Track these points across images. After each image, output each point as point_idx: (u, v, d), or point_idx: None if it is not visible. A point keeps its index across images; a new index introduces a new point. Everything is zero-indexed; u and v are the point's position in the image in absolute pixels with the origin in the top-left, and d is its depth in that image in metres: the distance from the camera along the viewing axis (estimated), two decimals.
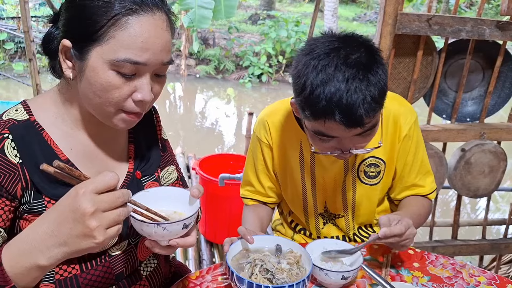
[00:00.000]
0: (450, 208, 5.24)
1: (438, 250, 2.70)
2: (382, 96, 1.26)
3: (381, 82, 1.24)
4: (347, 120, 1.21)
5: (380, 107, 1.27)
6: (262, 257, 1.27)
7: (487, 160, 2.52)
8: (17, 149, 1.05)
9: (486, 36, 2.25)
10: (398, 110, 1.55)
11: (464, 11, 15.25)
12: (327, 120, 1.24)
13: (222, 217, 3.31)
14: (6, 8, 10.85)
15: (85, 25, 1.00)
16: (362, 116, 1.21)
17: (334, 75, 1.21)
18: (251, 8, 16.74)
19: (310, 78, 1.24)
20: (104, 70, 1.01)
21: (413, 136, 1.58)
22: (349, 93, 1.19)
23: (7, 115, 1.10)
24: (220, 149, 7.38)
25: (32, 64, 3.55)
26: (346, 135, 1.29)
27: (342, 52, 1.24)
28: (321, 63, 1.23)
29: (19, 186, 1.05)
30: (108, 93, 1.03)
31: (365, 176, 1.60)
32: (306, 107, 1.27)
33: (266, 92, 10.93)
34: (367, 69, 1.22)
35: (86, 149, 1.17)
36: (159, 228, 1.01)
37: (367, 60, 1.24)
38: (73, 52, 1.03)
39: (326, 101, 1.21)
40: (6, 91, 9.28)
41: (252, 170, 1.72)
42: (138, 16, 1.00)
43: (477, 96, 2.57)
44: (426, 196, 1.67)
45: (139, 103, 1.07)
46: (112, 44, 0.99)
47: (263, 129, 1.64)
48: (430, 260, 1.48)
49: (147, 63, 1.03)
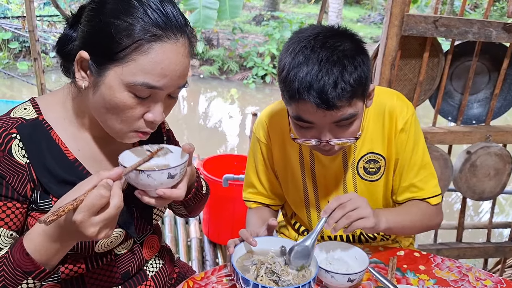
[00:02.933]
0: (454, 210, 5.23)
1: (442, 253, 2.69)
2: (359, 84, 1.26)
3: (358, 70, 1.25)
4: (318, 100, 1.22)
5: (355, 94, 1.27)
6: (269, 259, 1.26)
7: (493, 162, 2.50)
8: (25, 149, 1.06)
9: (492, 38, 2.24)
10: (394, 104, 1.52)
11: (469, 13, 15.23)
12: (301, 101, 1.26)
13: (225, 218, 3.31)
14: (11, 7, 10.88)
15: (107, 44, 1.00)
16: (334, 98, 1.22)
17: (309, 57, 1.25)
18: (255, 8, 16.75)
19: (287, 60, 1.29)
20: (120, 90, 1.02)
21: (409, 131, 1.53)
22: (321, 73, 1.22)
23: (15, 113, 1.10)
24: (223, 149, 7.38)
25: (37, 64, 3.55)
26: (322, 121, 1.30)
27: (322, 38, 1.27)
28: (300, 46, 1.27)
29: (28, 186, 1.06)
30: (121, 112, 1.05)
31: (365, 172, 1.58)
32: (283, 89, 1.31)
33: (269, 92, 10.92)
34: (344, 54, 1.24)
35: (92, 151, 1.18)
36: (143, 175, 1.03)
37: (348, 48, 1.26)
38: (90, 65, 1.03)
39: (299, 81, 1.24)
40: (10, 90, 9.31)
41: (253, 171, 1.72)
42: (161, 43, 1.00)
43: (483, 99, 2.56)
44: (427, 199, 1.59)
45: (150, 123, 1.09)
46: (132, 67, 1.00)
47: (261, 129, 1.64)
48: (436, 263, 1.47)
49: (164, 88, 1.04)
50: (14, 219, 1.05)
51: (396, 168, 1.58)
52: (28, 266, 0.96)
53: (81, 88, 1.07)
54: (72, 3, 11.87)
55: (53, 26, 10.08)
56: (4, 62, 10.08)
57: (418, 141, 1.56)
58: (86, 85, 1.06)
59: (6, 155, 1.03)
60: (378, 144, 1.54)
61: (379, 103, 1.51)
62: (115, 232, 1.17)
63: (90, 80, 1.05)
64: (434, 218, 1.63)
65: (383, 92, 1.55)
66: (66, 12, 4.16)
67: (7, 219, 1.04)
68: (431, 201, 1.59)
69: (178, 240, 3.48)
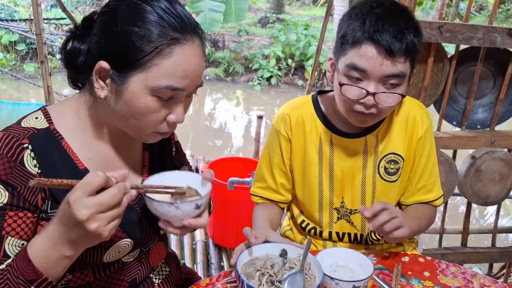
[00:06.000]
0: (459, 214, 5.22)
1: (447, 257, 2.69)
2: (416, 47, 1.41)
3: (418, 37, 1.41)
4: (383, 44, 1.33)
5: (411, 54, 1.39)
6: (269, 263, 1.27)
7: (498, 167, 2.50)
8: (37, 159, 1.06)
9: (497, 44, 2.25)
10: (417, 112, 1.63)
11: (474, 15, 15.18)
12: (363, 45, 1.36)
13: (231, 221, 3.31)
14: (18, 10, 10.94)
15: (128, 52, 1.02)
16: (396, 47, 1.34)
17: (377, 9, 1.39)
18: (260, 11, 16.76)
19: (354, 12, 1.43)
20: (144, 95, 1.04)
21: (427, 139, 1.64)
22: (389, 23, 1.36)
23: (27, 123, 1.11)
24: (229, 151, 7.39)
25: (43, 66, 3.57)
26: (375, 71, 1.38)
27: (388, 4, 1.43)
28: (363, 4, 1.44)
29: (39, 196, 1.07)
30: (146, 116, 1.07)
31: (385, 172, 1.63)
32: (345, 34, 1.41)
33: (275, 94, 10.93)
34: (411, 21, 1.41)
35: (103, 159, 1.19)
36: (172, 208, 1.04)
37: (412, 18, 1.44)
38: (112, 74, 1.04)
39: (368, 24, 1.36)
40: (17, 92, 9.36)
41: (267, 164, 1.74)
42: (181, 46, 1.04)
43: (487, 103, 2.56)
44: (433, 202, 1.69)
45: (172, 124, 1.12)
46: (155, 72, 1.02)
47: (283, 122, 1.67)
48: (441, 269, 1.47)
49: (186, 89, 1.07)
50: (25, 228, 1.06)
51: (411, 171, 1.66)
52: (30, 274, 0.95)
53: (100, 98, 1.08)
54: (79, 5, 11.94)
55: (60, 28, 10.13)
56: (11, 64, 10.14)
57: (432, 148, 1.67)
58: (106, 94, 1.07)
59: (18, 165, 1.03)
60: (400, 146, 1.63)
61: (405, 108, 1.62)
62: (123, 242, 1.18)
63: (111, 88, 1.07)
64: (433, 219, 1.75)
65: (408, 99, 1.65)
66: (72, 15, 4.18)
67: (18, 228, 1.05)
68: (436, 203, 1.71)
69: (183, 243, 3.48)
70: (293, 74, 11.52)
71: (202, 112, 9.77)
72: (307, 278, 1.25)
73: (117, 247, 1.17)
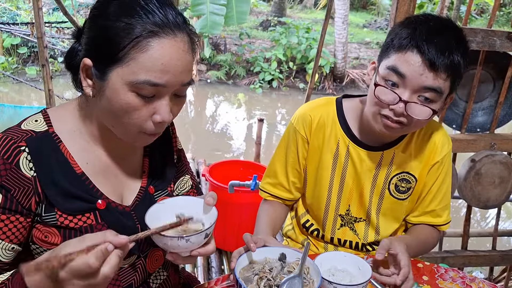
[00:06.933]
0: (460, 217, 5.21)
1: (448, 261, 2.68)
2: (461, 69, 1.38)
3: (466, 60, 1.38)
4: (429, 55, 1.32)
5: (454, 73, 1.37)
6: (268, 267, 1.27)
7: (498, 171, 2.50)
8: (33, 162, 1.06)
9: (497, 47, 2.25)
10: (439, 136, 1.62)
11: (475, 18, 15.18)
12: (410, 50, 1.35)
13: (231, 225, 3.31)
14: (20, 13, 10.97)
15: (107, 46, 1.01)
16: (441, 61, 1.32)
17: (431, 21, 1.40)
18: (262, 14, 16.77)
19: (405, 21, 1.45)
20: (124, 91, 1.02)
21: (444, 165, 1.62)
22: (442, 36, 1.35)
23: (26, 125, 1.11)
24: (230, 154, 7.40)
25: (45, 70, 3.58)
26: (414, 80, 1.35)
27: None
28: (419, 16, 1.45)
29: (33, 199, 1.06)
30: (128, 114, 1.05)
31: (395, 189, 1.63)
32: (396, 35, 1.40)
33: (276, 97, 10.94)
34: (463, 42, 1.40)
35: (102, 164, 1.18)
36: (182, 241, 1.03)
37: (463, 40, 1.41)
38: (93, 71, 1.04)
39: (420, 31, 1.35)
40: (19, 95, 9.38)
41: (282, 161, 1.73)
42: (159, 39, 1.00)
43: (487, 107, 2.56)
44: (440, 226, 1.69)
45: (158, 124, 1.08)
46: (132, 66, 1.00)
47: (303, 122, 1.65)
48: (439, 274, 1.47)
49: (167, 85, 1.03)
50: (16, 232, 1.06)
51: (422, 193, 1.65)
52: None
53: (89, 96, 1.08)
54: (80, 8, 11.96)
55: (62, 32, 10.16)
56: (13, 67, 10.16)
57: (448, 174, 1.65)
58: (93, 92, 1.07)
59: (14, 168, 1.03)
60: (415, 166, 1.61)
61: (427, 130, 1.61)
62: None
63: (95, 86, 1.06)
64: (436, 244, 1.74)
65: (433, 122, 1.64)
66: (73, 18, 4.19)
67: (9, 232, 1.05)
68: (443, 228, 1.70)
69: None
70: (295, 77, 11.53)
71: (203, 115, 9.79)
72: (306, 282, 1.25)
73: None
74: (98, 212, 1.14)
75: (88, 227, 1.12)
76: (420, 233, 1.66)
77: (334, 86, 11.38)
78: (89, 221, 1.12)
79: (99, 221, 1.13)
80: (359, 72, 11.67)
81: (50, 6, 11.88)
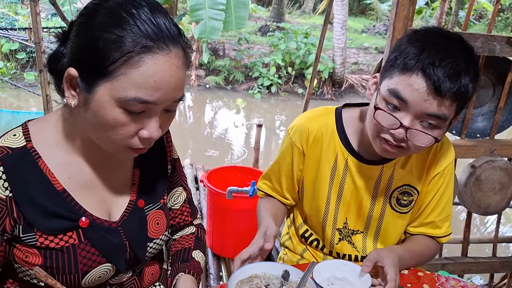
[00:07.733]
0: (460, 223, 5.18)
1: (447, 268, 2.66)
2: (468, 94, 1.27)
3: (474, 83, 1.27)
4: (434, 80, 1.22)
5: (460, 99, 1.27)
6: (265, 283, 1.24)
7: (498, 177, 2.48)
8: (8, 181, 0.99)
9: (496, 52, 2.23)
10: (441, 145, 1.57)
11: (474, 23, 15.22)
12: (414, 74, 1.25)
13: (229, 231, 3.29)
14: (18, 18, 10.98)
15: (95, 58, 0.93)
16: (447, 87, 1.22)
17: (438, 43, 1.28)
18: (261, 19, 16.81)
19: (414, 37, 1.32)
20: (111, 107, 0.95)
21: (446, 176, 1.57)
22: (450, 57, 1.24)
23: (3, 142, 1.04)
24: (228, 160, 7.38)
25: (42, 75, 3.56)
26: (416, 105, 1.27)
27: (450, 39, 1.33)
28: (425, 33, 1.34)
29: (7, 221, 1.00)
30: (114, 129, 0.98)
31: (397, 203, 1.59)
32: (400, 56, 1.30)
33: (275, 103, 10.95)
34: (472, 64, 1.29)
35: (86, 178, 1.12)
36: None
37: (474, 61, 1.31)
38: (79, 82, 0.98)
39: (425, 54, 1.25)
40: (17, 100, 9.37)
41: (276, 168, 1.69)
42: (153, 55, 0.93)
43: (487, 112, 2.54)
44: (439, 238, 1.64)
45: (145, 140, 1.02)
46: (122, 81, 0.93)
47: (300, 134, 1.60)
48: (440, 282, 1.45)
49: (157, 102, 0.97)
50: None
51: (422, 204, 1.61)
52: None
53: (71, 107, 1.01)
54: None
55: None
56: (11, 73, 10.16)
57: (450, 185, 1.60)
58: (76, 103, 1.00)
59: None
60: (416, 179, 1.56)
61: None
62: (103, 268, 1.11)
63: (80, 98, 0.99)
64: (435, 253, 1.69)
65: None
66: None
67: None
68: (442, 240, 1.65)
69: None
70: (293, 82, 11.55)
71: (202, 120, 9.78)
72: None
73: (96, 272, 1.09)
74: (81, 230, 1.07)
75: (70, 247, 1.06)
76: (416, 244, 1.61)
77: (333, 91, 11.39)
78: (71, 240, 1.06)
79: (82, 240, 1.08)
80: (358, 77, 11.69)
81: (48, 11, 11.89)
